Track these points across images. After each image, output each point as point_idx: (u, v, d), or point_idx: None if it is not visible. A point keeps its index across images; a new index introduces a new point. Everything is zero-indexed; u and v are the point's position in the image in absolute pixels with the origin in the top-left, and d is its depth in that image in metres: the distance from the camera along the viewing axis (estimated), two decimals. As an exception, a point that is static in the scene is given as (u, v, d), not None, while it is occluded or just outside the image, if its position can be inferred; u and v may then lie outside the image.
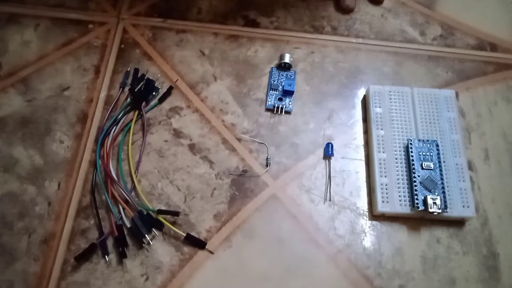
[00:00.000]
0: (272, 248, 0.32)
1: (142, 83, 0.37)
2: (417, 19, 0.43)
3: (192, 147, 0.35)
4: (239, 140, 0.36)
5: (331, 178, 0.34)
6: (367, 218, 0.33)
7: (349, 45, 0.41)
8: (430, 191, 0.32)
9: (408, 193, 0.32)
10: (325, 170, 0.35)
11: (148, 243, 0.31)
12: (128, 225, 0.32)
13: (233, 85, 0.38)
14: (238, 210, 0.33)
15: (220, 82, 0.38)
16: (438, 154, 0.33)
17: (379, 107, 0.36)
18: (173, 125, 0.36)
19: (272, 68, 0.39)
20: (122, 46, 0.40)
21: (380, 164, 0.33)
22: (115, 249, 0.31)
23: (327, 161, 0.35)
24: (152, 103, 0.37)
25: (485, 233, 0.33)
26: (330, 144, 0.35)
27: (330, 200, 0.33)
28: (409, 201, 0.32)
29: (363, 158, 0.35)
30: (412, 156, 0.33)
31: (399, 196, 0.32)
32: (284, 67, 0.38)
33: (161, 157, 0.35)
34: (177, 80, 0.38)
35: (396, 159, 0.34)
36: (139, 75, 0.38)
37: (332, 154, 0.35)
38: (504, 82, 0.39)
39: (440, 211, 0.31)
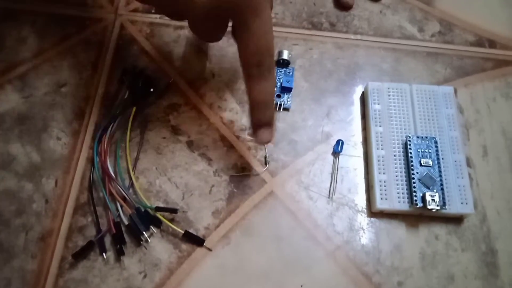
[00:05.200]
0: (270, 245, 0.32)
1: (139, 79, 0.37)
2: (416, 15, 0.43)
3: (190, 144, 0.35)
4: (238, 137, 0.36)
5: (331, 175, 0.34)
6: (366, 215, 0.33)
7: (347, 41, 0.41)
8: (428, 188, 0.32)
9: (406, 190, 0.32)
10: (324, 166, 0.35)
11: (146, 241, 0.31)
12: (126, 222, 0.32)
13: (232, 81, 0.38)
14: (237, 207, 0.33)
15: (218, 78, 0.38)
16: (437, 151, 0.33)
17: (378, 104, 0.36)
18: (171, 122, 0.36)
19: (270, 64, 0.38)
20: (120, 42, 0.40)
21: (378, 161, 0.33)
22: (112, 247, 0.31)
23: (334, 157, 0.35)
24: (150, 99, 0.37)
25: (483, 229, 0.33)
26: (340, 141, 0.35)
27: (334, 195, 0.33)
28: (407, 198, 0.32)
29: (362, 155, 0.35)
30: (410, 153, 0.33)
31: (398, 193, 0.32)
32: (282, 63, 0.38)
33: (159, 154, 0.35)
34: (174, 77, 0.38)
35: (394, 156, 0.33)
36: (137, 71, 0.38)
37: (341, 151, 0.35)
38: (503, 79, 0.39)
39: (438, 208, 0.31)
